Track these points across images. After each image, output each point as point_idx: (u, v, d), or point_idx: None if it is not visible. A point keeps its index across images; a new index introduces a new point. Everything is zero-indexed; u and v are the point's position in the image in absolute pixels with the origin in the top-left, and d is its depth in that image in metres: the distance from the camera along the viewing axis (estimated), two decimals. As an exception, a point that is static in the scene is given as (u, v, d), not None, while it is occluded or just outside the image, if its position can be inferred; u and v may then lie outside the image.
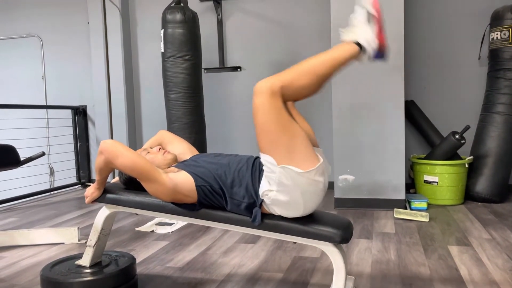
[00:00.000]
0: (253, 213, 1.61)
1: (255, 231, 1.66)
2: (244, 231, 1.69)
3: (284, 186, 1.50)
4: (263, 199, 1.57)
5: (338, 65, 1.55)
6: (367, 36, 1.59)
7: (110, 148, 1.68)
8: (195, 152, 2.02)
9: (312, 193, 1.53)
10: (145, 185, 1.69)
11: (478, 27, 4.03)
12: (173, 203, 1.74)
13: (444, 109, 4.16)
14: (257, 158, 1.73)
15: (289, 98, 1.51)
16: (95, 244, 1.89)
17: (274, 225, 1.62)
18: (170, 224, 3.10)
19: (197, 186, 1.65)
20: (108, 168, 1.75)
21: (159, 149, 1.91)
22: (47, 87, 5.28)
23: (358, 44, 1.58)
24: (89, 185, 1.88)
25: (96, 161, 1.76)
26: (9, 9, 5.33)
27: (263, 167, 1.55)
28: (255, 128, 1.51)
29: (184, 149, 2.00)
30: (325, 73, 1.53)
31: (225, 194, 1.64)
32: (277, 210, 1.58)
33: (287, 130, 1.48)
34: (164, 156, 1.87)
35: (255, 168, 1.63)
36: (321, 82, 1.53)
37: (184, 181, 1.66)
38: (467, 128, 3.57)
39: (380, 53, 1.62)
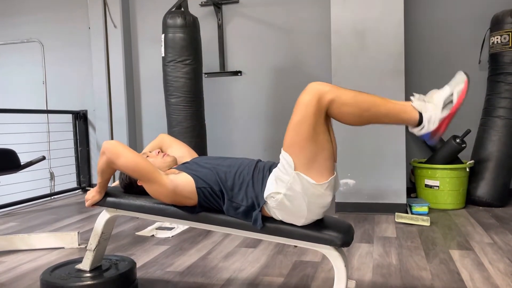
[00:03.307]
0: (253, 216, 1.60)
1: (256, 234, 1.65)
2: (245, 235, 1.68)
3: (294, 192, 1.49)
4: (266, 201, 1.56)
5: (390, 118, 1.51)
6: (433, 117, 1.49)
7: (112, 148, 1.68)
8: (195, 155, 2.02)
9: (317, 205, 1.53)
10: (146, 186, 1.69)
11: (478, 31, 4.03)
12: (173, 206, 1.73)
13: (444, 113, 4.15)
14: (259, 161, 1.72)
15: (330, 113, 1.49)
16: (95, 248, 1.88)
17: (275, 228, 1.61)
18: (171, 229, 3.09)
19: (197, 188, 1.65)
20: (110, 169, 1.75)
21: (158, 152, 1.91)
22: (47, 92, 5.29)
23: (420, 115, 1.49)
24: (89, 190, 1.88)
25: (98, 162, 1.76)
26: (10, 14, 5.35)
27: (278, 164, 1.54)
28: (288, 124, 1.48)
29: (184, 153, 2.00)
30: (374, 118, 1.50)
31: (225, 197, 1.64)
32: (278, 215, 1.57)
33: (318, 140, 1.46)
34: (164, 159, 1.88)
35: (257, 171, 1.63)
36: (366, 121, 1.51)
37: (184, 182, 1.66)
38: (467, 132, 3.56)
39: (431, 137, 1.54)
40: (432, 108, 1.49)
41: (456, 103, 1.48)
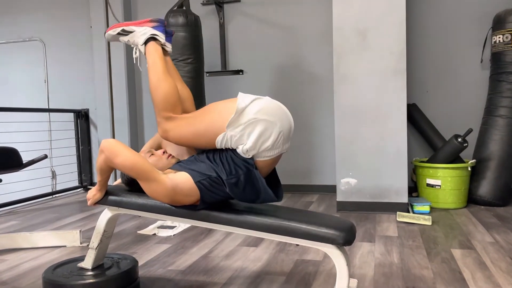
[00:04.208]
0: (259, 181, 1.64)
1: (258, 233, 1.65)
2: (246, 234, 1.68)
3: (244, 129, 1.59)
4: (252, 157, 1.62)
5: (159, 63, 1.79)
6: (138, 34, 1.87)
7: (110, 147, 1.68)
8: (193, 153, 2.02)
9: (262, 108, 1.61)
10: (143, 185, 1.68)
11: (480, 31, 4.03)
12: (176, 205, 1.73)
13: (446, 112, 4.15)
14: None
15: (177, 109, 1.72)
16: (97, 247, 1.89)
17: (276, 226, 1.61)
18: (172, 227, 3.09)
19: (196, 182, 1.65)
20: (108, 167, 1.75)
21: (163, 152, 1.90)
22: (49, 91, 5.30)
23: (145, 43, 1.86)
24: (91, 189, 1.88)
25: (97, 161, 1.76)
26: (12, 13, 5.36)
27: (228, 148, 1.66)
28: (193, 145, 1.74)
29: (182, 150, 1.99)
30: (160, 74, 1.75)
31: (223, 179, 1.64)
32: (267, 146, 1.61)
33: (200, 119, 1.68)
34: (169, 160, 1.87)
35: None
36: (170, 79, 1.75)
37: (183, 180, 1.66)
38: (469, 131, 3.56)
39: (157, 26, 1.87)
40: (134, 39, 1.90)
41: (113, 27, 1.92)
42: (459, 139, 3.56)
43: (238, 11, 4.60)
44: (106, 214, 1.89)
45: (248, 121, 1.59)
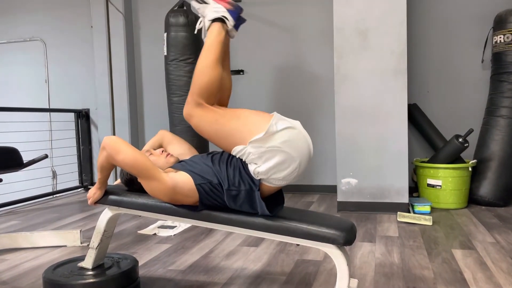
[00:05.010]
0: (256, 200, 1.61)
1: (258, 233, 1.65)
2: (247, 233, 1.68)
3: (264, 153, 1.55)
4: (260, 179, 1.59)
5: (217, 47, 1.70)
6: (211, 9, 1.75)
7: (112, 144, 1.68)
8: (194, 153, 2.02)
9: (290, 140, 1.57)
10: (144, 183, 1.68)
11: (481, 31, 4.02)
12: (175, 204, 1.73)
13: (447, 113, 4.15)
14: None
15: (212, 99, 1.66)
16: (97, 246, 1.88)
17: (277, 227, 1.61)
18: (173, 227, 3.09)
19: (196, 185, 1.65)
20: (109, 165, 1.75)
21: (162, 151, 1.91)
22: (50, 90, 5.30)
23: (214, 21, 1.74)
24: (91, 188, 1.88)
25: (98, 158, 1.76)
26: (13, 13, 5.36)
27: (244, 159, 1.61)
28: (212, 140, 1.65)
29: (184, 150, 1.99)
30: (214, 60, 1.68)
31: (223, 188, 1.64)
32: (278, 176, 1.58)
33: (228, 119, 1.60)
34: (167, 159, 1.87)
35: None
36: (219, 69, 1.68)
37: (184, 180, 1.66)
38: (470, 131, 3.56)
39: (235, 11, 1.78)
40: (205, 11, 1.77)
41: None
42: (460, 139, 3.56)
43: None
44: (107, 213, 1.89)
45: (271, 147, 1.54)
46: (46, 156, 3.48)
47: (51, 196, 4.64)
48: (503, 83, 3.67)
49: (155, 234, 2.97)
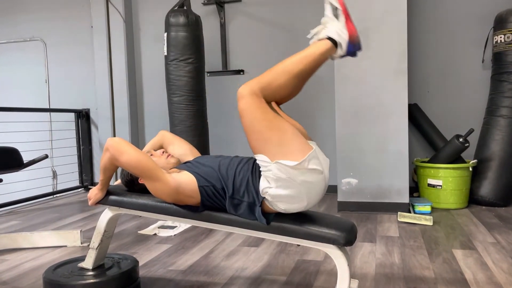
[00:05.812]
0: (256, 213, 1.60)
1: (259, 233, 1.65)
2: (247, 234, 1.68)
3: (282, 181, 1.50)
4: (264, 197, 1.56)
5: (313, 62, 1.61)
6: (337, 27, 1.62)
7: (116, 145, 1.69)
8: (196, 153, 2.02)
9: (311, 182, 1.53)
10: (148, 184, 1.69)
11: (481, 31, 4.02)
12: (176, 205, 1.73)
13: (447, 113, 4.15)
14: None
15: (270, 98, 1.57)
16: (98, 247, 1.88)
17: (277, 227, 1.61)
18: (173, 227, 3.09)
19: (199, 187, 1.65)
20: (113, 166, 1.75)
21: (163, 152, 1.91)
22: (50, 90, 5.30)
23: (330, 39, 1.62)
24: (92, 188, 1.88)
25: (101, 159, 1.76)
26: (13, 13, 5.36)
27: (260, 168, 1.55)
28: (245, 133, 1.54)
29: (185, 150, 1.99)
30: (301, 72, 1.59)
31: (226, 194, 1.63)
32: (281, 206, 1.57)
33: (274, 126, 1.50)
34: (168, 160, 1.87)
35: (256, 168, 1.62)
36: (298, 81, 1.59)
37: (187, 181, 1.66)
38: (471, 131, 3.55)
39: (354, 45, 1.64)
40: (330, 25, 1.63)
41: (339, 4, 1.65)
42: (461, 139, 3.55)
43: (239, 11, 4.59)
44: (107, 214, 1.89)
45: (291, 179, 1.49)
46: (46, 156, 3.48)
47: (52, 196, 4.64)
48: (504, 83, 3.67)
49: (155, 234, 2.97)
